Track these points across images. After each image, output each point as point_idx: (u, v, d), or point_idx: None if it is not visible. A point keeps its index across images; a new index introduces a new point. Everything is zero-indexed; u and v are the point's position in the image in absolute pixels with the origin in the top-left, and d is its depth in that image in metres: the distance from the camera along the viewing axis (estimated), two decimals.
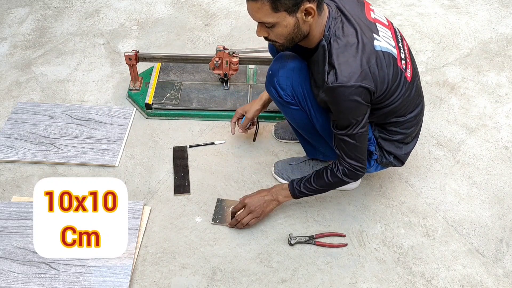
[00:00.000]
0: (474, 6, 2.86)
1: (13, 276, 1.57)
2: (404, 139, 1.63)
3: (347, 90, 1.35)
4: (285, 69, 1.54)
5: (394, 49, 1.46)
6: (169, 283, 1.59)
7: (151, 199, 1.83)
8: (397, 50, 1.47)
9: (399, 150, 1.65)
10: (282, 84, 1.55)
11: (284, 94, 1.56)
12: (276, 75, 1.55)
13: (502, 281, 1.62)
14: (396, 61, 1.44)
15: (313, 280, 1.61)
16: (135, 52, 2.11)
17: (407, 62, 1.51)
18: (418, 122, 1.64)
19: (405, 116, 1.56)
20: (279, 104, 1.62)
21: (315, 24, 1.40)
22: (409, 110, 1.56)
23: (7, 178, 1.89)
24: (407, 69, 1.50)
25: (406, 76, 1.49)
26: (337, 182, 1.57)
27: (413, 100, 1.55)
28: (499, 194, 1.88)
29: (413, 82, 1.54)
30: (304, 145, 1.83)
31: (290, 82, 1.53)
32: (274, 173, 1.89)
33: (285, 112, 1.65)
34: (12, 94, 2.26)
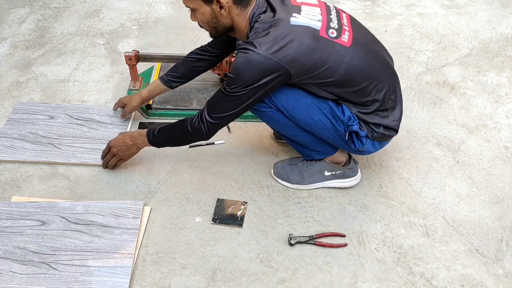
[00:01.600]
0: (474, 6, 2.86)
1: (13, 276, 1.57)
2: (383, 105, 1.64)
3: (247, 54, 1.44)
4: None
5: (318, 22, 1.52)
6: (169, 283, 1.59)
7: (151, 199, 1.83)
8: (323, 22, 1.53)
9: (386, 119, 1.66)
10: None
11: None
12: None
13: (502, 281, 1.62)
14: (318, 31, 1.50)
15: (313, 280, 1.61)
16: (135, 52, 2.11)
17: (342, 30, 1.56)
18: (385, 83, 1.63)
19: (365, 82, 1.58)
20: (253, 111, 1.66)
21: (238, 17, 1.54)
22: (364, 74, 1.57)
23: (7, 178, 1.89)
24: (341, 35, 1.54)
25: (340, 42, 1.53)
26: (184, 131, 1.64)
27: (364, 63, 1.57)
28: (499, 194, 1.88)
29: (356, 46, 1.56)
30: (296, 148, 1.84)
31: None
32: (273, 175, 1.89)
33: (261, 117, 1.70)
34: (12, 94, 2.26)
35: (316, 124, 1.62)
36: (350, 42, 1.55)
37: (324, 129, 1.64)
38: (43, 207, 1.76)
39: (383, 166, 1.97)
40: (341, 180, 1.85)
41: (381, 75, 1.63)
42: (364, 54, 1.59)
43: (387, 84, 1.65)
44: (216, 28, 1.59)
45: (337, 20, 1.58)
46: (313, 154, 1.82)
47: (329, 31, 1.53)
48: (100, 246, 1.65)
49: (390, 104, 1.66)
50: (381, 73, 1.63)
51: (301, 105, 1.59)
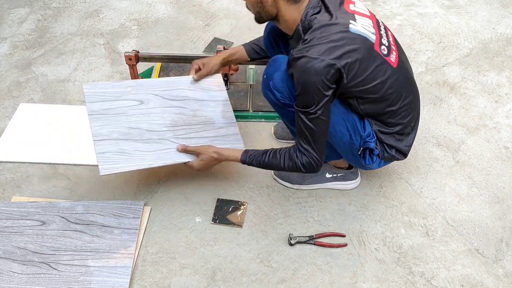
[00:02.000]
0: (474, 6, 2.86)
1: (13, 276, 1.57)
2: (403, 130, 1.63)
3: (310, 62, 1.38)
4: (280, 71, 1.54)
5: (373, 35, 1.49)
6: (169, 283, 1.60)
7: (151, 199, 1.83)
8: (376, 36, 1.50)
9: (400, 143, 1.65)
10: (278, 86, 1.55)
11: (281, 97, 1.56)
12: (271, 79, 1.55)
13: (502, 281, 1.62)
14: (373, 45, 1.47)
15: (313, 280, 1.61)
16: (135, 52, 2.11)
17: (390, 49, 1.54)
18: (413, 110, 1.64)
19: (398, 104, 1.57)
20: (277, 106, 1.61)
21: (285, 9, 1.48)
22: (400, 97, 1.57)
23: (7, 178, 1.90)
24: (390, 54, 1.53)
25: (389, 61, 1.51)
26: (290, 167, 1.57)
27: (403, 87, 1.57)
28: (499, 194, 1.88)
29: (400, 69, 1.56)
30: None
31: (286, 84, 1.53)
32: (274, 175, 1.89)
33: (284, 115, 1.66)
34: (12, 94, 2.26)
35: (335, 134, 1.59)
36: (396, 64, 1.54)
37: (340, 140, 1.61)
38: (43, 207, 1.76)
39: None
40: (342, 182, 1.85)
41: (412, 101, 1.62)
42: (405, 79, 1.58)
43: (414, 111, 1.65)
44: (260, 13, 1.53)
45: (386, 37, 1.55)
46: None
47: (381, 47, 1.50)
48: (100, 246, 1.65)
49: (408, 130, 1.65)
50: (412, 99, 1.63)
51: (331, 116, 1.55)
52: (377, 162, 1.68)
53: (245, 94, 2.20)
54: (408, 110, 1.61)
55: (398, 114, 1.59)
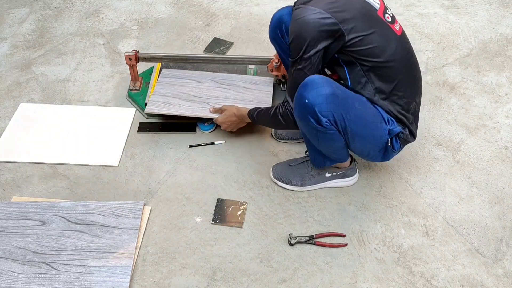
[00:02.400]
0: (474, 6, 2.86)
1: (13, 276, 1.57)
2: (409, 104, 1.64)
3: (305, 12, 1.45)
4: (323, 96, 1.49)
5: (377, 4, 1.55)
6: (169, 283, 1.60)
7: (151, 199, 1.83)
8: (381, 5, 1.57)
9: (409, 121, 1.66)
10: (324, 112, 1.50)
11: (325, 122, 1.51)
12: (315, 104, 1.49)
13: (502, 281, 1.62)
14: (376, 10, 1.53)
15: (313, 280, 1.61)
16: (135, 52, 2.12)
17: (395, 20, 1.59)
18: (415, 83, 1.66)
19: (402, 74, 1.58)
20: (316, 131, 1.56)
21: None
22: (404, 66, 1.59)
23: (7, 178, 1.90)
24: (394, 23, 1.58)
25: (393, 28, 1.56)
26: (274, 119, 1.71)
27: (406, 57, 1.60)
28: (499, 194, 1.88)
29: (404, 38, 1.60)
30: (314, 155, 1.77)
31: (331, 108, 1.50)
32: (273, 177, 1.88)
33: (319, 138, 1.60)
34: (12, 94, 2.26)
35: (371, 139, 1.60)
36: (400, 32, 1.59)
37: (371, 143, 1.62)
38: (43, 207, 1.76)
39: (383, 166, 1.97)
40: (341, 179, 1.86)
41: (414, 74, 1.65)
42: (408, 49, 1.62)
43: (416, 85, 1.67)
44: None
45: (391, 12, 1.61)
46: (326, 162, 1.78)
47: (385, 14, 1.56)
48: (100, 246, 1.65)
49: (414, 105, 1.66)
50: (414, 72, 1.65)
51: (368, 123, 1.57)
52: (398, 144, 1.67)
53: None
54: (409, 82, 1.63)
55: (401, 86, 1.59)
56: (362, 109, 1.57)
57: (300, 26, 1.48)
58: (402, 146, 1.72)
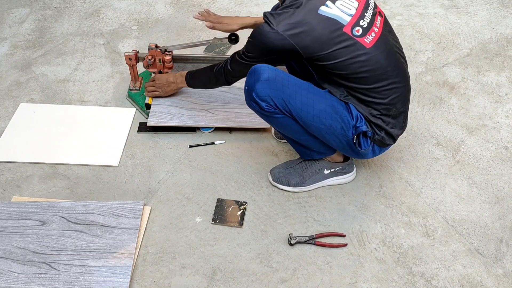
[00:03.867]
0: (474, 6, 2.86)
1: (13, 276, 1.57)
2: (388, 111, 1.64)
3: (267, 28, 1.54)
4: (260, 81, 1.59)
5: (348, 17, 1.55)
6: (169, 283, 1.60)
7: (151, 199, 1.83)
8: (354, 18, 1.56)
9: (387, 126, 1.66)
10: (261, 96, 1.60)
11: (265, 106, 1.61)
12: (253, 89, 1.60)
13: (502, 281, 1.62)
14: (342, 27, 1.54)
15: (313, 280, 1.61)
16: (135, 52, 2.12)
17: (369, 30, 1.58)
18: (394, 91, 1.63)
19: (375, 84, 1.59)
20: (263, 116, 1.67)
21: None
22: (376, 77, 1.59)
23: (7, 178, 1.90)
24: (366, 35, 1.57)
25: (362, 42, 1.56)
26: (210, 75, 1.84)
27: (379, 68, 1.59)
28: (499, 194, 1.88)
29: (376, 49, 1.58)
30: (297, 148, 1.85)
31: (268, 93, 1.59)
32: (272, 181, 1.87)
33: (271, 122, 1.71)
34: (12, 94, 2.26)
35: (326, 129, 1.63)
36: (371, 44, 1.57)
37: (333, 134, 1.64)
38: (43, 207, 1.76)
39: (383, 166, 1.97)
40: (340, 176, 1.86)
41: (393, 82, 1.63)
42: (382, 58, 1.60)
43: (398, 91, 1.65)
44: None
45: (369, 19, 1.59)
46: (313, 154, 1.82)
47: (354, 28, 1.55)
48: (100, 246, 1.65)
49: (394, 111, 1.66)
50: (393, 79, 1.63)
51: (314, 110, 1.60)
52: (371, 147, 1.68)
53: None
54: (390, 89, 1.62)
55: (378, 93, 1.61)
56: (311, 97, 1.61)
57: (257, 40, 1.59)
58: (381, 147, 1.72)
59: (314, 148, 1.78)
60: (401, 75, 1.67)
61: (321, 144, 1.75)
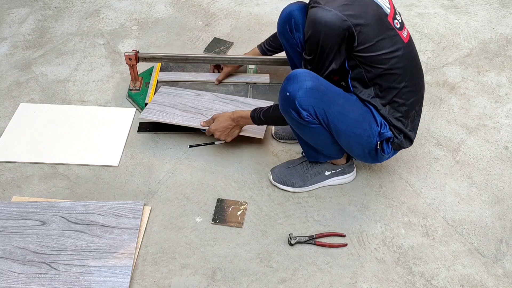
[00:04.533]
0: (474, 6, 2.86)
1: (13, 276, 1.57)
2: (408, 112, 1.64)
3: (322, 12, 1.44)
4: (304, 89, 1.52)
5: (388, 8, 1.54)
6: (169, 283, 1.60)
7: (151, 199, 1.83)
8: (391, 10, 1.55)
9: (406, 128, 1.67)
10: (304, 105, 1.53)
11: (306, 115, 1.54)
12: (296, 97, 1.52)
13: (502, 281, 1.62)
14: (387, 15, 1.52)
15: (313, 280, 1.61)
16: (135, 52, 2.12)
17: (403, 26, 1.58)
18: (417, 92, 1.65)
19: (403, 83, 1.58)
20: (298, 124, 1.60)
21: None
22: (406, 75, 1.58)
23: (7, 178, 1.90)
24: (403, 29, 1.57)
25: (401, 35, 1.55)
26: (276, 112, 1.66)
27: (410, 65, 1.59)
28: (499, 194, 1.88)
29: (410, 46, 1.59)
30: (305, 149, 1.81)
31: (311, 103, 1.52)
32: (273, 181, 1.87)
33: (302, 130, 1.64)
34: (12, 94, 2.26)
35: (355, 137, 1.60)
36: (407, 40, 1.58)
37: (359, 142, 1.62)
38: (43, 207, 1.76)
39: (383, 166, 1.97)
40: (341, 176, 1.86)
41: (417, 83, 1.64)
42: (413, 57, 1.61)
43: (418, 94, 1.66)
44: None
45: (399, 16, 1.60)
46: (320, 157, 1.80)
47: (395, 20, 1.55)
48: (100, 246, 1.65)
49: (413, 113, 1.66)
50: (417, 81, 1.65)
51: (349, 120, 1.57)
52: (388, 150, 1.68)
53: (245, 94, 2.20)
54: (412, 91, 1.62)
55: (403, 94, 1.60)
56: (346, 107, 1.58)
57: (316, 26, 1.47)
58: (396, 151, 1.72)
59: (324, 152, 1.76)
60: (421, 78, 1.69)
61: (335, 150, 1.73)
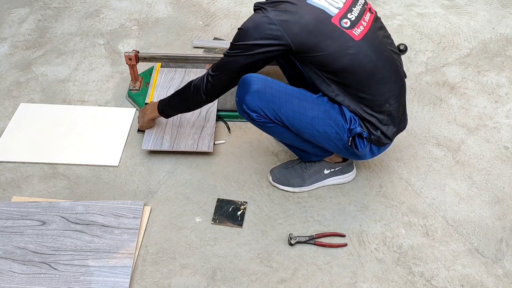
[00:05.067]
0: (474, 6, 2.86)
1: (13, 276, 1.57)
2: (380, 107, 1.62)
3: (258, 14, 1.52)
4: (249, 93, 1.60)
5: (335, 9, 1.54)
6: (169, 283, 1.60)
7: (151, 199, 1.83)
8: (342, 10, 1.55)
9: (382, 125, 1.64)
10: (251, 107, 1.61)
11: (256, 116, 1.62)
12: (243, 101, 1.61)
13: (502, 281, 1.62)
14: (330, 17, 1.52)
15: (313, 280, 1.61)
16: (135, 52, 2.12)
17: (357, 23, 1.57)
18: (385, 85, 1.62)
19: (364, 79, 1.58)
20: (256, 125, 1.68)
21: None
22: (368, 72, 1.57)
23: (7, 178, 1.90)
24: (354, 28, 1.55)
25: (350, 34, 1.54)
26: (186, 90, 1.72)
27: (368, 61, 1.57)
28: (499, 194, 1.88)
29: (365, 43, 1.57)
30: (295, 152, 1.86)
31: (258, 104, 1.60)
32: (272, 181, 1.87)
33: (266, 131, 1.72)
34: (12, 94, 2.26)
35: (320, 135, 1.62)
36: (360, 37, 1.56)
37: (328, 139, 1.64)
38: (43, 207, 1.76)
39: (383, 166, 1.97)
40: (340, 176, 1.86)
41: (384, 77, 1.61)
42: (372, 52, 1.58)
43: (389, 88, 1.63)
44: None
45: (358, 14, 1.59)
46: (311, 157, 1.83)
47: (342, 20, 1.54)
48: (100, 246, 1.65)
49: (387, 107, 1.63)
50: (385, 74, 1.61)
51: (307, 118, 1.60)
52: (368, 147, 1.66)
53: None
54: (380, 85, 1.60)
55: (368, 89, 1.59)
56: (303, 105, 1.60)
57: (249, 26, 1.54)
58: (379, 147, 1.70)
59: (311, 151, 1.79)
60: (393, 70, 1.65)
61: (318, 148, 1.75)
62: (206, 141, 1.98)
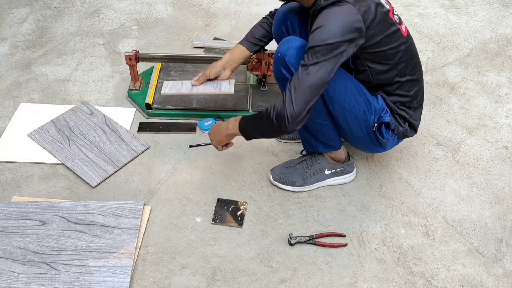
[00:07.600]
0: (474, 6, 2.87)
1: (13, 276, 1.57)
2: (410, 103, 1.68)
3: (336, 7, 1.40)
4: (294, 48, 1.53)
5: (386, 4, 1.54)
6: (169, 283, 1.60)
7: (151, 199, 1.83)
8: (389, 6, 1.56)
9: (410, 117, 1.70)
10: (292, 62, 1.53)
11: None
12: (286, 55, 1.54)
13: (502, 281, 1.62)
14: (388, 11, 1.52)
15: (313, 280, 1.61)
16: (135, 52, 2.12)
17: (401, 20, 1.59)
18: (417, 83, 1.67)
19: (406, 77, 1.61)
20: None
21: None
22: (408, 68, 1.60)
23: (7, 178, 1.90)
24: (401, 23, 1.58)
25: (401, 30, 1.56)
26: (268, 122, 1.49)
27: (411, 58, 1.61)
28: (499, 194, 1.88)
29: (409, 39, 1.60)
30: (304, 137, 1.81)
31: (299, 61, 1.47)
32: (273, 180, 1.87)
33: None
34: (12, 94, 2.26)
35: (349, 109, 1.59)
36: (406, 33, 1.60)
37: (355, 117, 1.61)
38: (43, 207, 1.76)
39: (383, 166, 1.97)
40: (341, 176, 1.86)
41: (418, 74, 1.67)
42: (413, 49, 1.64)
43: (418, 84, 1.69)
44: None
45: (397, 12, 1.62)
46: (319, 146, 1.79)
47: (394, 16, 1.56)
48: (100, 246, 1.65)
49: (415, 104, 1.70)
50: (419, 73, 1.68)
51: (341, 87, 1.57)
52: (391, 139, 1.70)
53: (245, 94, 2.20)
54: (413, 83, 1.65)
55: (405, 86, 1.63)
56: (342, 75, 1.57)
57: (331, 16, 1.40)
58: (400, 139, 1.75)
59: (322, 137, 1.75)
60: (420, 69, 1.71)
61: (332, 135, 1.73)
62: (225, 83, 1.98)
